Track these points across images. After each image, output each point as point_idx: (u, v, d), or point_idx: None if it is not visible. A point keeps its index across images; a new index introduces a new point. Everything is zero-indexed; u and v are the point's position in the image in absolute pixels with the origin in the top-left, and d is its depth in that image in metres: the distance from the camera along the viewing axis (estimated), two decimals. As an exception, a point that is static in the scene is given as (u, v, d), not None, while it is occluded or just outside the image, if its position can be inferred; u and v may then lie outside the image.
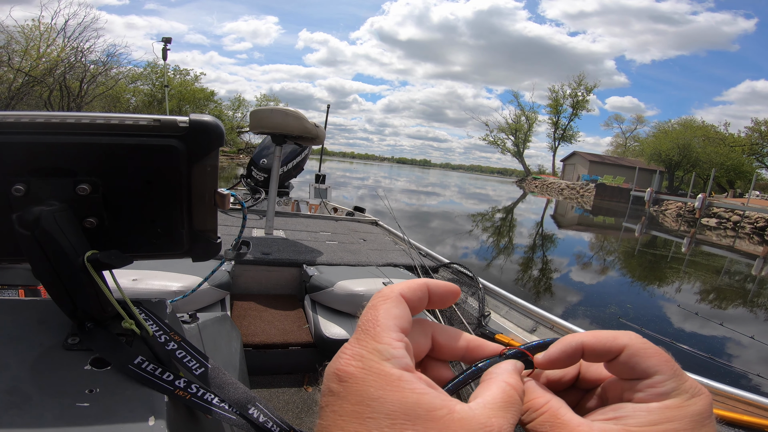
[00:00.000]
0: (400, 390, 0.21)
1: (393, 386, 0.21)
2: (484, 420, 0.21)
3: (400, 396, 0.21)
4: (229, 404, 0.43)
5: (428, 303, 0.27)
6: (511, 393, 0.24)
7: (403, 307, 0.25)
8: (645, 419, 0.23)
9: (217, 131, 0.46)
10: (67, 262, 0.40)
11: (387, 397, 0.21)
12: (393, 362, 0.22)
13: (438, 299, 0.28)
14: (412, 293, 0.26)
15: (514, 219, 17.25)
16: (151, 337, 0.45)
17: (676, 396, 0.24)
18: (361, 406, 0.21)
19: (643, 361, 0.25)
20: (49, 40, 19.76)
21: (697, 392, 0.24)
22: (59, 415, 0.36)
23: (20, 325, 0.46)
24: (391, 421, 0.20)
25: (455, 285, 0.29)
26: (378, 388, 0.21)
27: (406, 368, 0.22)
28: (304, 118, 2.39)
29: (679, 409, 0.23)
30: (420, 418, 0.20)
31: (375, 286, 1.84)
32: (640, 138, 49.72)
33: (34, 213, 0.38)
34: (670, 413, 0.23)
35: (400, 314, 0.25)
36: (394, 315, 0.24)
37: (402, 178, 49.07)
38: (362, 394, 0.21)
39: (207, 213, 0.49)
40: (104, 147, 0.43)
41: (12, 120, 0.41)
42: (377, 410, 0.20)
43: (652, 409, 0.24)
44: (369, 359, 0.22)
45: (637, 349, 0.25)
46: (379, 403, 0.20)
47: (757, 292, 7.50)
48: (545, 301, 5.52)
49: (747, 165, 32.90)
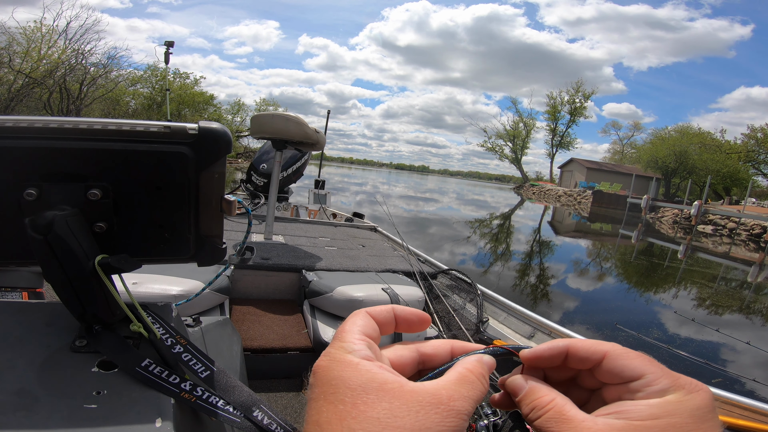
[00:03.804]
0: (357, 370, 0.25)
1: (352, 368, 0.25)
2: (434, 391, 0.24)
3: (357, 374, 0.24)
4: (234, 407, 0.44)
5: (395, 326, 0.31)
6: (465, 373, 0.26)
7: (367, 320, 0.29)
8: (647, 413, 0.24)
9: (225, 138, 0.47)
10: (78, 266, 0.41)
11: (346, 375, 0.24)
12: (354, 354, 0.26)
13: (404, 323, 0.31)
14: (377, 313, 0.30)
15: (512, 225, 17.28)
16: (158, 340, 0.46)
17: (674, 392, 0.25)
18: (327, 386, 0.24)
19: (627, 363, 0.27)
20: (51, 41, 19.75)
21: (696, 388, 0.25)
22: (67, 417, 0.37)
23: (27, 327, 0.46)
24: (351, 393, 0.23)
25: (425, 313, 0.32)
26: (340, 371, 0.25)
27: (366, 357, 0.26)
28: (305, 123, 2.41)
29: (680, 404, 0.24)
30: (375, 390, 0.23)
31: (374, 292, 1.85)
32: (637, 145, 50.10)
33: (47, 218, 0.39)
34: (670, 407, 0.24)
35: (363, 323, 0.29)
36: (357, 324, 0.29)
37: (400, 183, 49.11)
38: (328, 377, 0.25)
39: (213, 219, 0.50)
40: (115, 153, 0.43)
41: (25, 125, 0.41)
42: (339, 387, 0.24)
43: (652, 404, 0.25)
44: (334, 353, 0.26)
45: (618, 354, 0.27)
46: (340, 380, 0.24)
47: (752, 299, 7.53)
48: (543, 307, 5.52)
49: (743, 172, 33.08)
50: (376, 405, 0.23)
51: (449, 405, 0.23)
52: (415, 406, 0.23)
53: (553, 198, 39.21)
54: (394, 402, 0.23)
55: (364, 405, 0.23)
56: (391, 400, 0.23)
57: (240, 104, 35.23)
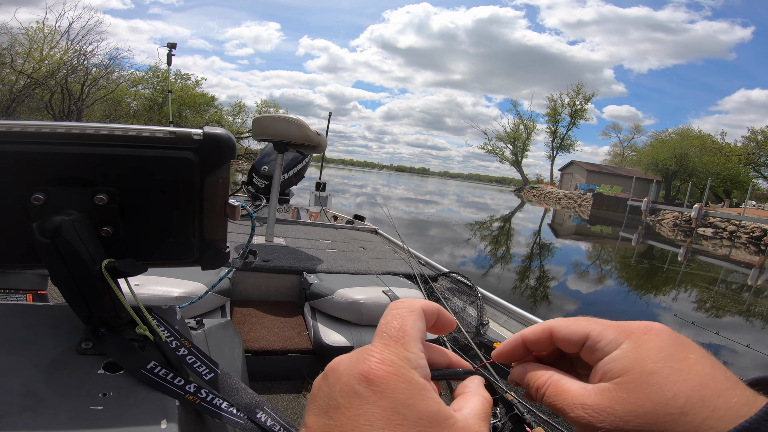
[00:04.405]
0: (426, 399, 0.23)
1: (421, 395, 0.23)
2: (477, 428, 0.24)
3: (426, 405, 0.23)
4: (238, 408, 0.44)
5: (432, 326, 0.30)
6: (487, 406, 0.27)
7: (423, 322, 0.27)
8: (619, 366, 0.24)
9: (229, 144, 0.47)
10: (85, 270, 0.41)
11: (416, 405, 0.22)
12: (419, 371, 0.24)
13: (440, 325, 0.30)
14: (429, 312, 0.29)
15: (512, 228, 17.28)
16: (163, 343, 0.46)
17: (625, 339, 0.25)
18: (392, 412, 0.22)
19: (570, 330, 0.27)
20: (53, 42, 19.77)
21: (647, 329, 0.25)
22: (74, 418, 0.37)
23: (33, 329, 0.47)
24: (418, 428, 0.22)
25: (453, 320, 0.32)
26: (408, 396, 0.22)
27: (427, 378, 0.24)
28: (307, 126, 2.42)
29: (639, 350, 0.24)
30: (438, 425, 0.22)
31: (375, 295, 1.85)
32: (637, 147, 49.92)
33: (55, 222, 0.39)
34: (632, 354, 0.24)
35: (422, 327, 0.27)
36: (419, 327, 0.27)
37: (400, 185, 49.12)
38: (394, 400, 0.22)
39: (217, 223, 0.51)
40: (121, 158, 0.44)
41: (33, 130, 0.42)
42: (407, 417, 0.22)
43: (617, 356, 0.24)
44: (400, 366, 0.24)
45: (561, 325, 0.28)
46: (410, 410, 0.22)
47: (752, 302, 7.52)
48: (543, 309, 5.53)
49: (743, 175, 33.03)
50: None
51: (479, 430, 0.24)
52: None
53: (554, 200, 39.22)
54: None
55: None
56: None
57: (241, 106, 35.28)
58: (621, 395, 0.23)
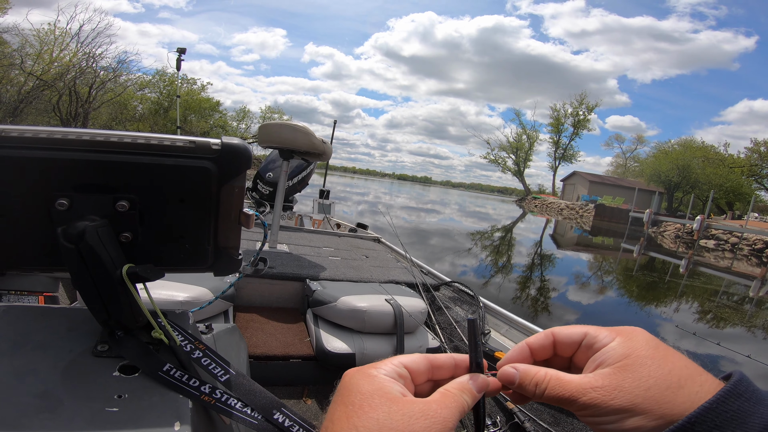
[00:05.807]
0: (371, 380, 0.30)
1: (368, 379, 0.30)
2: (425, 402, 0.29)
3: (369, 383, 0.29)
4: (253, 409, 0.45)
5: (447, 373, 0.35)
6: (449, 389, 0.31)
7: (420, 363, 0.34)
8: (618, 353, 0.29)
9: (246, 154, 0.49)
10: (106, 275, 0.43)
11: (361, 383, 0.29)
12: (377, 370, 0.31)
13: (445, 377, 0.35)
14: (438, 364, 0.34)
15: (514, 238, 17.25)
16: (178, 346, 0.48)
17: (617, 337, 0.30)
18: (344, 389, 0.30)
19: (570, 331, 0.33)
20: (63, 44, 19.91)
21: (632, 331, 0.31)
22: (90, 419, 0.38)
23: (50, 332, 0.48)
24: (360, 397, 0.28)
25: None
26: (358, 379, 0.30)
27: (387, 374, 0.31)
28: (312, 133, 2.44)
29: (633, 341, 0.29)
30: (379, 396, 0.28)
31: (377, 303, 1.86)
32: (640, 158, 49.81)
33: (79, 228, 0.41)
34: (629, 344, 0.29)
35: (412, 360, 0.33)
36: (405, 357, 0.33)
37: (402, 194, 49.18)
38: (348, 383, 0.30)
39: (231, 231, 0.52)
40: (143, 166, 0.45)
41: (59, 136, 0.43)
42: (352, 391, 0.29)
43: (614, 347, 0.30)
44: (364, 368, 0.31)
45: (561, 329, 0.34)
46: (355, 386, 0.29)
47: (754, 313, 7.48)
48: (544, 319, 5.51)
49: (746, 187, 32.84)
50: (377, 408, 0.27)
51: (437, 412, 0.28)
52: (408, 412, 0.27)
53: (555, 211, 39.14)
54: (393, 407, 0.27)
55: (369, 407, 0.27)
56: (390, 406, 0.27)
57: (245, 111, 35.49)
58: (626, 374, 0.28)
